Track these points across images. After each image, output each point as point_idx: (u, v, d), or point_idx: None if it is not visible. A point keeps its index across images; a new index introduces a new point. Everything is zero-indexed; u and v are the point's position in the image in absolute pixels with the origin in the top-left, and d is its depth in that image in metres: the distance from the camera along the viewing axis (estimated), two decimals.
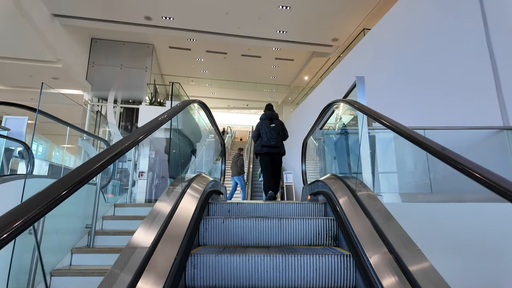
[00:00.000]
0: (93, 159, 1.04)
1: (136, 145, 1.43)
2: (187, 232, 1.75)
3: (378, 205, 1.83)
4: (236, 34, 11.73)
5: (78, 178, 0.92)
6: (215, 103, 21.43)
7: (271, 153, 4.45)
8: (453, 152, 1.19)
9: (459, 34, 4.36)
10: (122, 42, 13.77)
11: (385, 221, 1.66)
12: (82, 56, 12.68)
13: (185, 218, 1.89)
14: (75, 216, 3.26)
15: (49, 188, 0.82)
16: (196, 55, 14.86)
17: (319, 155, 3.70)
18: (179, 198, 2.08)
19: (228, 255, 1.72)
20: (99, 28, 11.87)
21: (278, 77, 17.21)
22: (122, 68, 13.60)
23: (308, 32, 11.54)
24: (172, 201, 1.98)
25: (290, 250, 1.86)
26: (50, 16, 9.94)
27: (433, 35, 4.85)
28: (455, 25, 4.44)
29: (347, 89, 2.75)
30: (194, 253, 1.73)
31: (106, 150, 1.14)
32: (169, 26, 11.34)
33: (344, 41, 11.87)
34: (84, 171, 0.97)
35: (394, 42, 6.20)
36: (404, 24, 5.91)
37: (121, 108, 13.85)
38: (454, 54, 4.43)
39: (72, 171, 0.94)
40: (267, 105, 5.03)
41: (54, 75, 11.27)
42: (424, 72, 5.01)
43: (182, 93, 15.74)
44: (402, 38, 6.04)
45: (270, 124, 4.59)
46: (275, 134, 4.46)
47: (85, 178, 0.94)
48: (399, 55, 5.94)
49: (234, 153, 17.12)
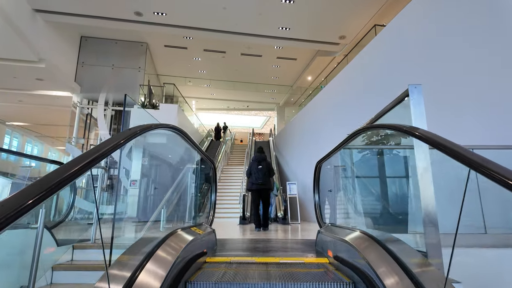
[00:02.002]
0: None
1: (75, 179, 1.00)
2: None
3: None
4: (235, 31, 10.84)
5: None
6: (214, 105, 20.56)
7: (259, 189, 5.61)
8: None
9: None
10: (114, 40, 12.91)
11: None
12: (70, 56, 11.82)
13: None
14: (6, 271, 2.39)
15: None
16: (193, 54, 13.98)
17: (344, 185, 2.81)
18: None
19: None
20: (88, 25, 11.00)
21: (280, 77, 16.31)
22: (113, 68, 12.75)
23: (313, 29, 10.64)
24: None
25: None
26: (31, 11, 9.08)
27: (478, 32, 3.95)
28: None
29: (362, 90, 1.86)
30: None
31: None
32: (162, 22, 10.47)
33: (352, 38, 10.97)
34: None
35: (421, 37, 5.31)
36: (433, 15, 5.01)
37: (112, 110, 12.99)
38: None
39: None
40: (258, 147, 6.20)
41: (38, 76, 10.42)
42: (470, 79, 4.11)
43: (177, 95, 14.89)
44: (424, 33, 5.15)
45: (258, 165, 5.63)
46: (261, 175, 5.56)
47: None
48: (427, 54, 5.05)
49: (235, 158, 16.28)
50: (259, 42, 11.82)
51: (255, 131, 22.24)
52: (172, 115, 11.28)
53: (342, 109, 8.15)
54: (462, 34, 4.16)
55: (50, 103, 13.96)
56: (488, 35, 3.81)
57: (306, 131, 10.92)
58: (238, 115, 23.30)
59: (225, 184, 12.16)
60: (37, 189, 0.81)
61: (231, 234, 5.01)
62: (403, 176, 2.53)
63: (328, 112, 9.11)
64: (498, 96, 3.57)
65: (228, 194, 11.24)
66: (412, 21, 5.41)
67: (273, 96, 18.56)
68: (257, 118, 24.38)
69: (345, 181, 2.73)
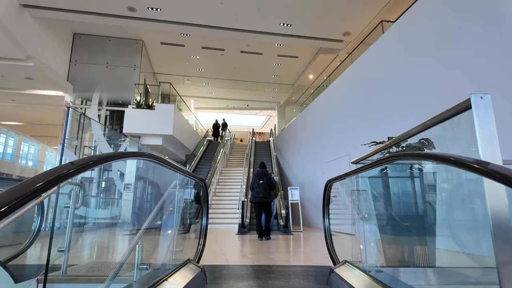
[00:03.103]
0: None
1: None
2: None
3: None
4: (234, 27, 10.33)
5: None
6: (214, 104, 20.06)
7: (261, 202, 6.14)
8: None
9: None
10: (108, 37, 12.40)
11: None
12: (62, 54, 11.32)
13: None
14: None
15: None
16: (191, 52, 13.46)
17: (368, 213, 2.29)
18: None
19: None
20: (80, 21, 10.51)
21: (280, 75, 15.79)
22: (108, 66, 12.25)
23: (316, 25, 10.12)
24: None
25: None
26: (17, 6, 8.57)
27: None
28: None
29: (373, 88, 1.38)
30: None
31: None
32: (157, 18, 9.96)
33: (357, 35, 10.45)
34: None
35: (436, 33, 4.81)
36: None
37: (107, 110, 12.50)
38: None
39: None
40: (260, 163, 6.65)
41: (27, 75, 9.93)
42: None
43: (175, 94, 14.39)
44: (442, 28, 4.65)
45: (259, 181, 6.15)
46: (262, 189, 6.09)
47: None
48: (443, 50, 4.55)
49: (234, 159, 15.74)
50: (259, 39, 11.31)
51: (255, 130, 21.75)
52: (168, 115, 10.79)
53: (349, 109, 7.66)
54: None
55: (43, 103, 13.46)
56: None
57: (310, 132, 10.43)
58: (238, 115, 22.80)
59: (223, 187, 11.70)
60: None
61: (228, 252, 4.54)
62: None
63: (334, 113, 8.62)
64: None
65: (227, 198, 10.77)
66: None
67: (274, 95, 18.06)
68: (257, 117, 23.87)
69: (369, 208, 2.25)
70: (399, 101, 5.59)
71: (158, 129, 10.69)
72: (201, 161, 13.84)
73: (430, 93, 4.84)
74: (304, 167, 10.60)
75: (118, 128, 12.69)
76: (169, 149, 11.95)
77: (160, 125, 10.68)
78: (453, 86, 4.33)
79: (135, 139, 10.87)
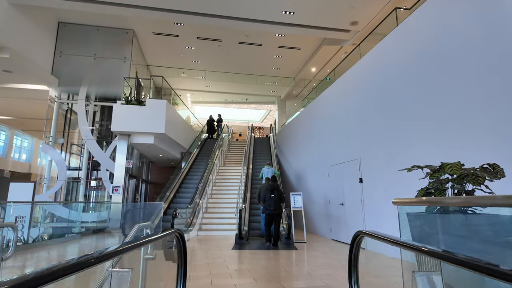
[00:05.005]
0: None
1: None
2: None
3: None
4: (231, 15, 9.44)
5: None
6: (211, 98, 19.18)
7: (272, 214, 6.69)
8: None
9: None
10: (96, 27, 11.47)
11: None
12: (45, 44, 10.42)
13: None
14: None
15: None
16: (186, 43, 12.55)
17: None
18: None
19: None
20: (65, 9, 9.61)
21: (281, 68, 14.90)
22: (96, 58, 11.35)
23: (321, 13, 9.24)
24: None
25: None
26: None
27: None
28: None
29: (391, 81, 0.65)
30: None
31: None
32: (147, 5, 9.08)
33: (366, 25, 9.58)
34: None
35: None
36: None
37: (95, 106, 11.67)
38: None
39: None
40: (272, 176, 7.33)
41: (5, 67, 9.07)
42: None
43: (168, 87, 13.54)
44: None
45: (271, 194, 6.70)
46: (273, 202, 6.64)
47: None
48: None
49: (232, 156, 14.93)
50: (258, 29, 10.43)
51: (254, 125, 20.92)
52: (160, 112, 9.98)
53: (363, 107, 6.86)
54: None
55: (28, 97, 12.64)
56: None
57: (314, 130, 9.61)
58: (236, 109, 21.93)
59: (220, 187, 10.96)
60: None
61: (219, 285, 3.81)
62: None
63: (342, 110, 7.82)
64: None
65: (223, 202, 10.04)
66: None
67: (274, 89, 17.19)
68: (256, 111, 22.99)
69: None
70: (429, 100, 4.80)
71: (149, 126, 9.89)
72: (197, 160, 13.09)
73: (473, 92, 4.05)
74: (307, 167, 9.84)
75: (109, 124, 11.89)
76: (162, 147, 11.17)
77: (152, 122, 9.87)
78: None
79: (125, 137, 10.08)
